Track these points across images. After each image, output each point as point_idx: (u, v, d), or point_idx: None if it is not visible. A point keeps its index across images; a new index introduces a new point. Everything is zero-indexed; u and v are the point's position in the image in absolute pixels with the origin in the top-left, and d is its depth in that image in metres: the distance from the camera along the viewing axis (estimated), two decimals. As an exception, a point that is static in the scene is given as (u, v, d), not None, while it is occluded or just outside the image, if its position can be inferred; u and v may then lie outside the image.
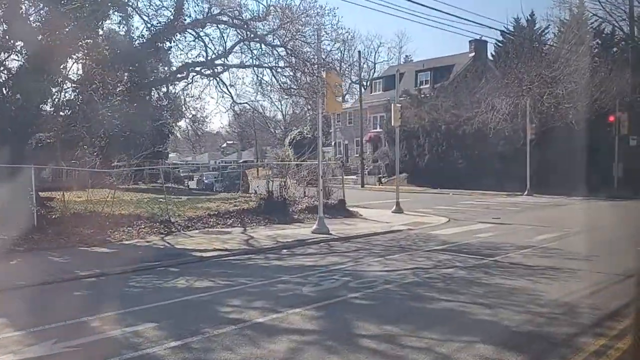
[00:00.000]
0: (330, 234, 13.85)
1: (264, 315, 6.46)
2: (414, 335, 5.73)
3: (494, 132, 30.33)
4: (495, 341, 5.47)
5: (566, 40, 32.51)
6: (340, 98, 14.66)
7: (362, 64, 73.81)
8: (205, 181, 36.81)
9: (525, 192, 28.71)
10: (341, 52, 75.32)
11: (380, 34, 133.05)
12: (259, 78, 13.92)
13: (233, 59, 14.80)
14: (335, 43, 13.28)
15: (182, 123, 33.81)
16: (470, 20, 58.07)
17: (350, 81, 74.88)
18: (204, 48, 13.46)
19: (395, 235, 14.40)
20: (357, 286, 8.03)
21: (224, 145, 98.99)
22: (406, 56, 71.38)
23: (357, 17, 69.96)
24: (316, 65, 13.41)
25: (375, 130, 49.49)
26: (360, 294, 7.58)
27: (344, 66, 74.43)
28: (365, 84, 64.29)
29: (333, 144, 57.51)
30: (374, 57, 77.69)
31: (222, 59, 14.89)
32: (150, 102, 18.18)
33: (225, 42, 14.79)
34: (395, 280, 8.49)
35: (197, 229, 14.11)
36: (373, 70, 77.75)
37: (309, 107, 16.01)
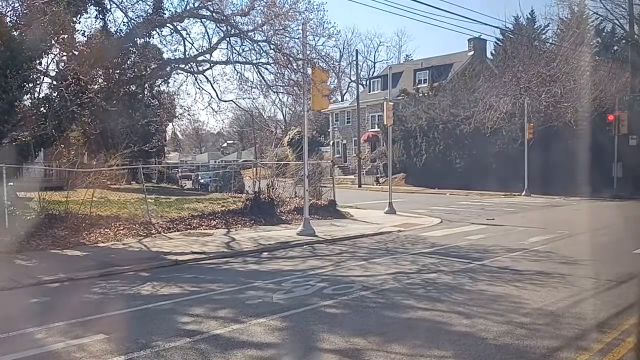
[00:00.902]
0: (316, 236, 13.40)
1: (224, 326, 6.02)
2: (381, 349, 5.27)
3: (492, 131, 29.86)
4: (467, 356, 5.02)
5: (565, 38, 32.01)
6: (327, 95, 14.16)
7: (362, 63, 73.65)
8: (201, 181, 36.46)
9: (523, 193, 28.23)
10: (340, 51, 75.00)
11: (380, 33, 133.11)
12: (239, 74, 13.45)
13: (220, 56, 14.37)
14: (320, 38, 12.83)
15: (174, 122, 33.52)
16: (470, 19, 57.59)
17: (349, 80, 74.68)
18: (183, 43, 13.03)
19: (384, 237, 13.95)
20: (332, 293, 7.58)
21: (224, 144, 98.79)
22: (406, 55, 70.94)
23: (357, 15, 69.63)
24: (301, 62, 12.96)
25: (373, 130, 49.02)
26: (334, 301, 7.13)
27: (343, 65, 74.02)
28: (364, 83, 63.89)
29: (331, 143, 57.07)
30: (374, 56, 77.41)
31: (206, 56, 14.46)
32: (135, 100, 17.81)
33: (210, 39, 14.39)
34: (373, 287, 8.04)
35: (178, 231, 13.67)
36: (373, 69, 77.37)
37: (298, 104, 15.48)
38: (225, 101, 15.56)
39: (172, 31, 12.67)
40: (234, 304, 7.02)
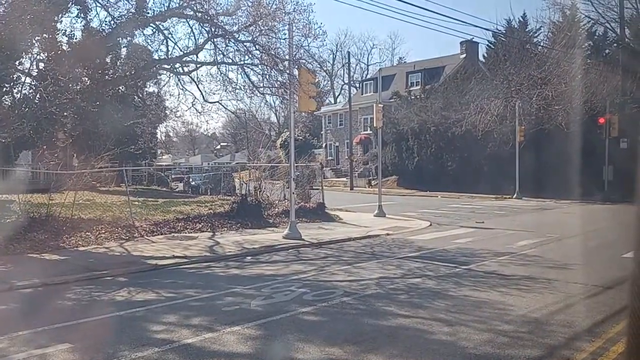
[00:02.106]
0: (302, 240, 13.19)
1: (196, 334, 5.80)
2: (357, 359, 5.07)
3: (483, 134, 29.78)
4: (446, 367, 4.84)
5: (557, 41, 32.03)
6: (314, 97, 13.97)
7: (355, 65, 73.57)
8: (192, 183, 36.14)
9: (514, 195, 28.16)
10: (333, 54, 74.90)
11: (373, 36, 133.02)
12: (223, 75, 13.21)
13: (207, 57, 14.16)
14: (306, 39, 12.64)
15: (164, 124, 33.22)
16: (463, 22, 57.69)
17: (342, 82, 74.55)
18: (166, 44, 12.80)
19: (371, 240, 13.76)
20: (312, 299, 7.37)
21: (218, 147, 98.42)
22: (400, 58, 71.06)
23: (350, 18, 69.63)
24: (287, 62, 12.76)
25: (365, 133, 48.88)
26: (313, 308, 6.93)
27: (337, 67, 73.94)
28: (357, 85, 63.79)
29: (324, 145, 56.90)
30: (367, 59, 77.25)
31: (192, 56, 14.23)
32: (123, 101, 17.54)
33: (196, 39, 14.16)
34: (355, 292, 7.84)
35: (162, 234, 13.42)
36: (366, 72, 77.32)
37: (285, 106, 15.25)
38: (212, 102, 15.32)
39: (155, 31, 12.45)
40: (210, 310, 6.80)
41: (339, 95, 72.71)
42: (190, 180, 36.95)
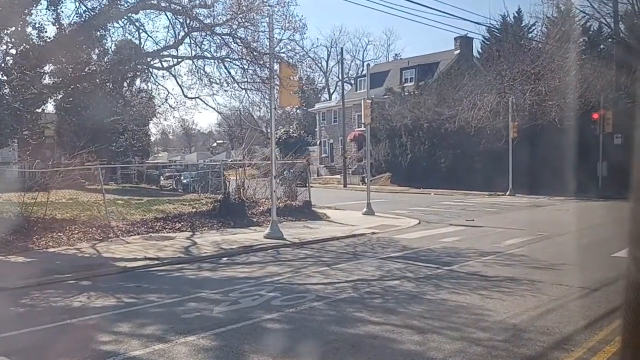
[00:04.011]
0: (284, 239, 12.77)
1: (145, 346, 5.38)
2: (314, 373, 4.67)
3: (476, 130, 29.39)
4: (409, 382, 4.43)
5: (550, 36, 31.64)
6: (296, 92, 13.54)
7: (350, 62, 73.05)
8: (184, 181, 35.72)
9: (508, 192, 27.77)
10: (327, 50, 74.34)
11: (368, 32, 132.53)
12: (198, 68, 12.77)
13: (187, 51, 13.71)
14: (285, 32, 12.20)
15: (153, 121, 32.73)
16: (458, 17, 57.20)
17: (337, 79, 73.97)
18: (138, 37, 12.36)
19: (356, 240, 13.35)
20: (281, 304, 6.96)
21: (214, 144, 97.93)
22: (395, 54, 70.50)
23: (345, 15, 69.11)
24: (266, 56, 12.32)
25: (359, 129, 48.36)
26: (279, 314, 6.51)
27: (331, 64, 73.38)
28: (352, 82, 63.26)
29: (318, 142, 56.47)
30: (363, 56, 76.63)
31: (171, 51, 13.78)
32: (107, 97, 17.08)
33: (176, 33, 13.71)
34: (328, 296, 7.43)
35: (138, 234, 12.98)
36: (361, 68, 76.78)
37: (267, 101, 14.80)
38: (191, 98, 14.86)
39: (127, 23, 12.00)
40: (168, 318, 6.38)
41: (334, 92, 72.19)
42: (182, 178, 36.55)
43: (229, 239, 12.82)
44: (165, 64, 14.44)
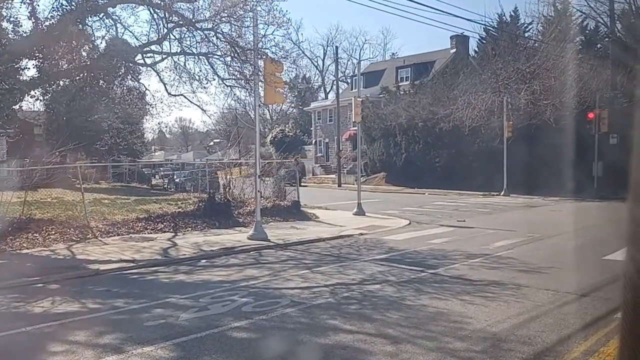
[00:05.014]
0: (268, 241, 12.43)
1: (99, 356, 5.03)
2: (274, 388, 4.33)
3: (470, 129, 29.07)
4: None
5: (546, 34, 31.32)
6: (282, 88, 13.19)
7: (347, 61, 72.65)
8: (177, 180, 35.40)
9: (502, 192, 27.48)
10: (324, 49, 73.95)
11: (365, 31, 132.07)
12: (177, 64, 12.41)
13: (171, 48, 13.34)
14: (269, 27, 11.85)
15: (146, 119, 32.38)
16: (455, 15, 56.89)
17: (333, 78, 73.57)
18: (115, 31, 11.99)
19: (342, 241, 13.02)
20: (252, 311, 6.62)
21: (211, 143, 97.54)
22: (392, 54, 70.09)
23: (342, 14, 68.71)
24: (250, 52, 11.97)
25: (354, 129, 47.82)
26: (248, 322, 6.17)
27: (327, 63, 73.01)
28: (348, 81, 62.89)
29: (314, 142, 56.09)
30: (359, 55, 76.20)
31: (153, 47, 13.42)
32: (94, 95, 16.71)
33: (159, 29, 13.34)
34: (303, 302, 7.09)
35: (118, 235, 12.62)
36: (358, 67, 76.42)
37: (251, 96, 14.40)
38: (174, 95, 14.49)
39: (104, 17, 11.61)
40: (130, 326, 6.03)
41: (330, 91, 71.91)
42: (175, 177, 36.21)
43: (210, 240, 12.47)
44: (148, 61, 14.07)
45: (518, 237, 13.03)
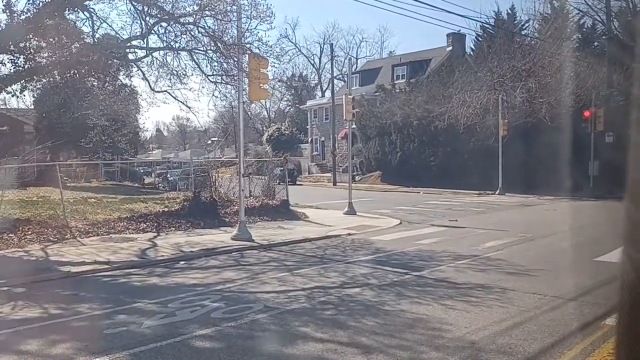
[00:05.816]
0: (252, 241, 12.09)
1: (46, 368, 4.70)
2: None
3: (465, 128, 28.76)
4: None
5: (542, 32, 31.00)
6: (267, 84, 12.85)
7: (343, 59, 72.25)
8: (170, 179, 35.05)
9: (497, 191, 27.15)
10: (320, 47, 73.62)
11: (362, 29, 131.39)
12: (154, 59, 12.05)
13: (147, 43, 12.97)
14: (252, 21, 11.49)
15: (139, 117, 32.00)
16: (452, 12, 56.54)
17: (331, 76, 73.21)
18: (92, 25, 11.63)
19: (328, 241, 12.69)
20: (221, 317, 6.27)
21: (209, 141, 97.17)
22: (390, 52, 69.77)
23: (339, 11, 68.29)
24: (234, 47, 11.62)
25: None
26: (215, 329, 5.83)
27: (324, 61, 72.61)
28: (345, 79, 62.49)
29: (310, 140, 55.75)
30: (356, 53, 75.85)
31: (136, 42, 13.06)
32: (80, 93, 16.36)
33: (143, 23, 12.97)
34: (276, 307, 6.75)
35: (97, 235, 12.26)
36: (355, 65, 76.11)
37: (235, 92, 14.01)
38: (159, 92, 14.13)
39: (78, 10, 11.24)
40: (89, 334, 5.69)
41: (326, 89, 71.45)
42: (168, 175, 35.86)
43: (193, 240, 12.13)
44: (131, 57, 13.70)
45: (509, 238, 12.70)
